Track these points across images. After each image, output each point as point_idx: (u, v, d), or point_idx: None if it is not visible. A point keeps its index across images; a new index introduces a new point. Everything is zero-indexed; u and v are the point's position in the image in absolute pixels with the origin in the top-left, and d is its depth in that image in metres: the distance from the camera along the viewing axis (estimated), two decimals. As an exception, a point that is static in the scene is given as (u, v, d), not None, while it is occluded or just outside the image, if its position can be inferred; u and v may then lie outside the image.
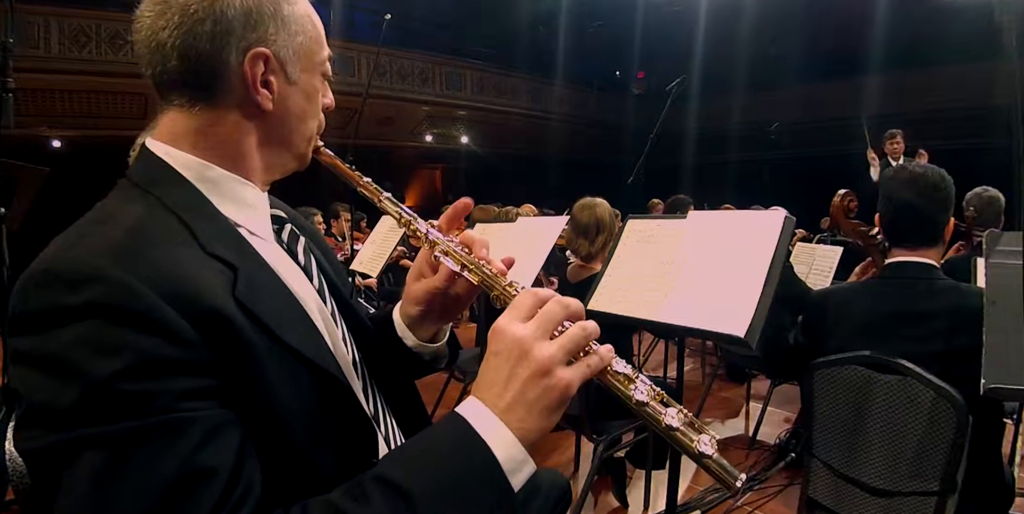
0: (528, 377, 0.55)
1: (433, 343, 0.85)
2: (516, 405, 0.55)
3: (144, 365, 0.51)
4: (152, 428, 0.50)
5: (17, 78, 2.10)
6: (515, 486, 0.54)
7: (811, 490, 1.56)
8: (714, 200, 5.28)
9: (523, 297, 0.59)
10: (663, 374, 3.12)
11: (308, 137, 0.75)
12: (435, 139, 12.65)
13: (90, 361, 0.50)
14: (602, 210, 2.51)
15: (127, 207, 0.62)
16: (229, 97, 0.66)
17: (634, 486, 2.51)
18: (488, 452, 0.53)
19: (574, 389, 0.56)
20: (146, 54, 0.65)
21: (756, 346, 1.22)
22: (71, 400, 0.49)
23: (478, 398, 0.57)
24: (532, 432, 0.55)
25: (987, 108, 8.37)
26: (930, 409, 1.31)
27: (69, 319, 0.51)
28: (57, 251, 0.57)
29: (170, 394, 0.51)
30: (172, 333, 0.52)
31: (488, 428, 0.54)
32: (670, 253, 1.49)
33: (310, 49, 0.71)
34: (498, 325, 0.57)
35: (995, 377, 1.05)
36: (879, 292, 1.53)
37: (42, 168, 2.22)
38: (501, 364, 0.56)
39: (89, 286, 0.51)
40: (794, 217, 1.35)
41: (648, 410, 0.58)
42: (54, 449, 0.50)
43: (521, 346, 0.55)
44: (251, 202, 0.71)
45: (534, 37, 13.53)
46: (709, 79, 11.05)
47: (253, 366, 0.58)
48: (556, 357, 0.55)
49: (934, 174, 1.48)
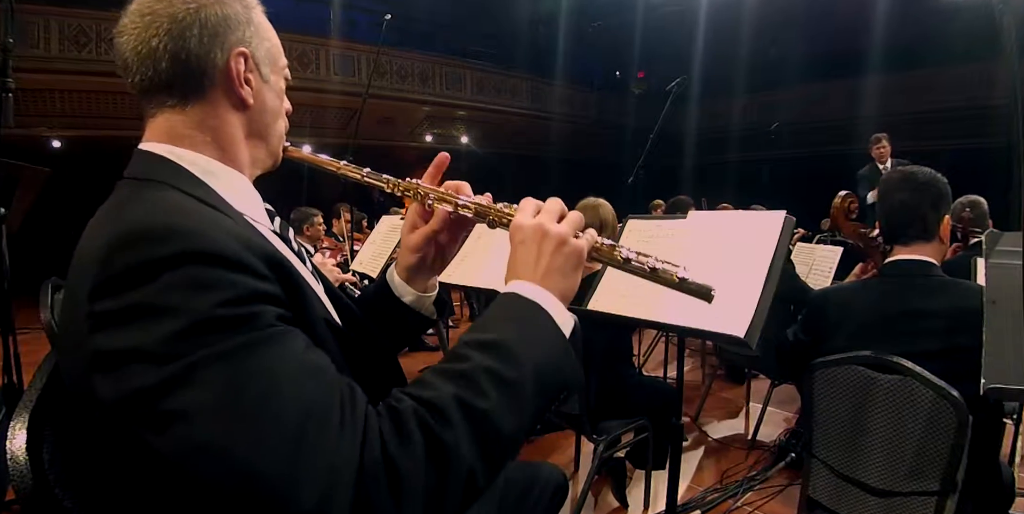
0: (553, 249, 0.69)
1: (428, 293, 0.95)
2: (550, 273, 0.69)
3: (242, 295, 0.55)
4: (265, 337, 0.55)
5: (17, 78, 2.10)
6: (566, 334, 0.67)
7: (811, 490, 1.56)
8: (714, 200, 5.27)
9: (525, 202, 0.75)
10: (663, 374, 3.12)
11: (279, 134, 0.82)
12: (435, 139, 12.63)
13: (196, 298, 0.53)
14: (605, 210, 2.56)
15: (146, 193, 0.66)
16: (216, 92, 0.73)
17: (634, 486, 2.50)
18: (544, 311, 0.66)
19: (585, 253, 0.72)
20: (134, 62, 0.70)
21: (756, 346, 1.22)
22: (187, 331, 0.52)
23: (517, 278, 0.69)
24: (567, 291, 0.70)
25: (987, 108, 8.38)
26: (930, 409, 1.31)
27: (164, 268, 0.54)
28: (122, 219, 0.59)
29: (269, 314, 0.57)
30: (256, 271, 0.58)
31: (537, 294, 0.67)
32: (670, 253, 1.49)
33: (276, 54, 0.80)
34: (516, 223, 0.72)
35: (995, 377, 1.04)
36: (879, 290, 1.55)
37: (42, 168, 2.22)
38: (529, 246, 0.70)
39: (175, 238, 0.55)
40: (794, 217, 1.35)
41: (633, 264, 0.74)
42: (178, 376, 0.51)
43: (541, 228, 0.70)
44: (249, 193, 0.78)
45: (534, 37, 13.51)
46: (709, 79, 11.04)
47: (305, 306, 0.66)
48: (567, 231, 0.71)
49: (924, 172, 1.54)
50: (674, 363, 2.41)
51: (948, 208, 1.54)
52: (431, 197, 0.85)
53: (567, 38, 12.92)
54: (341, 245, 5.06)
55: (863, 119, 9.70)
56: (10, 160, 2.09)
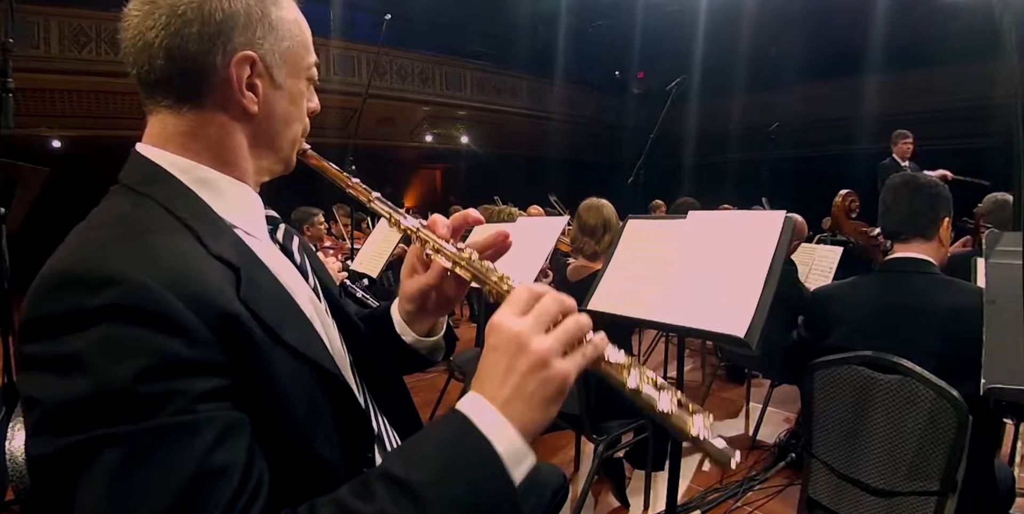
0: (527, 369, 0.55)
1: (430, 337, 0.86)
2: (516, 398, 0.55)
3: (163, 366, 0.51)
4: (171, 428, 0.50)
5: (17, 78, 2.10)
6: (516, 479, 0.55)
7: (811, 490, 1.56)
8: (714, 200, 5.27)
9: (519, 292, 0.60)
10: (663, 374, 3.12)
11: (292, 140, 0.75)
12: (435, 139, 12.64)
13: (111, 362, 0.50)
14: (608, 211, 2.61)
15: (128, 210, 0.63)
16: (215, 99, 0.67)
17: (634, 486, 2.50)
18: (489, 445, 0.54)
19: (571, 379, 0.56)
20: (132, 53, 0.65)
21: (756, 346, 1.22)
22: (91, 401, 0.49)
23: (478, 392, 0.57)
24: (532, 424, 0.55)
25: (987, 108, 8.37)
26: (930, 409, 1.31)
27: (89, 321, 0.51)
28: (69, 254, 0.57)
29: (188, 394, 0.52)
30: (189, 334, 0.53)
31: (488, 422, 0.55)
32: (670, 253, 1.49)
33: (297, 54, 0.72)
34: (494, 320, 0.58)
35: (995, 377, 1.04)
36: (877, 287, 1.57)
37: (42, 168, 2.22)
38: (499, 358, 0.56)
39: (108, 288, 0.51)
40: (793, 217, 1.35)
41: (643, 396, 0.58)
42: (72, 450, 0.49)
43: (518, 339, 0.56)
44: (246, 202, 0.72)
45: (534, 37, 13.50)
46: (709, 79, 11.03)
47: (261, 366, 0.59)
48: (553, 348, 0.56)
49: (924, 177, 1.62)
50: (674, 363, 2.41)
51: (947, 210, 1.57)
52: (429, 246, 0.74)
53: (567, 38, 12.92)
54: (343, 244, 5.06)
55: (863, 119, 9.71)
56: (10, 160, 2.09)
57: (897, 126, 5.64)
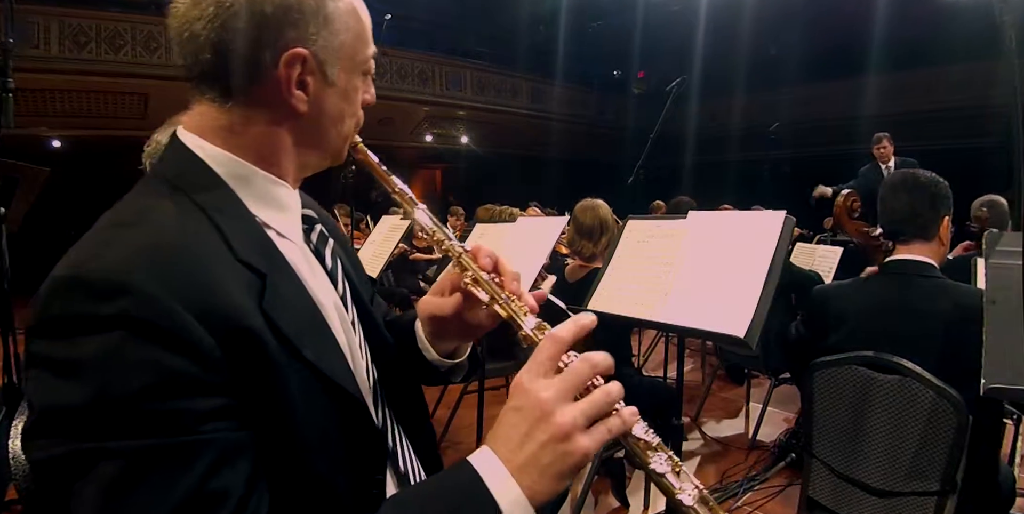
0: (546, 441, 0.53)
1: (452, 359, 0.83)
2: (529, 466, 0.53)
3: (168, 384, 0.50)
4: (171, 448, 0.49)
5: (17, 78, 2.10)
6: None
7: (811, 490, 1.56)
8: (714, 200, 5.27)
9: (548, 347, 0.56)
10: (663, 374, 3.12)
11: (345, 136, 0.72)
12: (435, 139, 12.64)
13: (115, 374, 0.49)
14: (604, 211, 2.59)
15: (157, 205, 0.60)
16: (262, 96, 0.63)
17: (634, 486, 2.50)
18: (496, 508, 0.52)
19: (591, 456, 0.54)
20: (179, 44, 0.62)
21: (756, 346, 1.22)
22: (92, 411, 0.48)
23: (492, 450, 0.55)
24: (541, 495, 0.53)
25: (987, 108, 8.37)
26: (930, 409, 1.31)
27: (96, 329, 0.50)
28: (86, 255, 0.55)
29: (191, 414, 0.50)
30: (198, 352, 0.51)
31: (498, 483, 0.53)
32: (670, 253, 1.49)
33: (353, 48, 0.67)
34: (521, 381, 0.55)
35: (995, 377, 1.04)
36: (878, 288, 1.56)
37: (42, 168, 2.22)
38: (520, 422, 0.54)
39: (119, 297, 0.50)
40: (794, 217, 1.35)
41: (664, 482, 0.56)
42: (69, 458, 0.49)
43: (542, 408, 0.53)
44: (283, 202, 0.69)
45: (534, 37, 13.51)
46: (709, 79, 11.02)
47: (274, 384, 0.57)
48: (577, 423, 0.53)
49: (923, 174, 1.58)
50: (674, 363, 2.41)
51: (948, 209, 1.55)
52: (468, 275, 0.70)
53: (567, 38, 12.92)
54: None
55: (863, 119, 9.68)
56: (10, 160, 2.09)
57: (897, 126, 5.63)
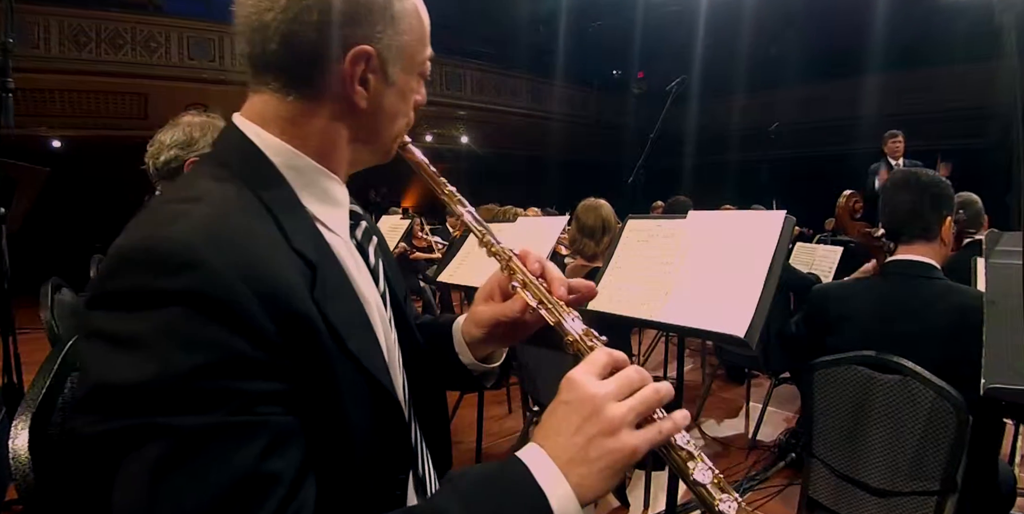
0: (595, 434, 0.53)
1: (488, 363, 0.84)
2: (578, 460, 0.53)
3: (227, 363, 0.50)
4: (225, 427, 0.49)
5: (17, 78, 2.10)
6: None
7: (811, 490, 1.56)
8: (714, 200, 5.27)
9: (600, 356, 0.58)
10: (663, 374, 3.12)
11: (396, 135, 0.73)
12: (435, 139, 12.64)
13: (175, 350, 0.48)
14: (606, 211, 2.60)
15: (219, 187, 0.61)
16: (324, 90, 0.64)
17: (634, 486, 2.51)
18: (545, 502, 0.51)
19: (639, 455, 0.54)
20: (246, 32, 0.63)
21: (756, 346, 1.22)
22: (148, 386, 0.48)
23: (540, 445, 0.55)
24: (589, 491, 0.53)
25: (987, 108, 8.37)
26: (930, 409, 1.31)
27: (161, 302, 0.49)
28: (153, 227, 0.54)
29: (247, 395, 0.50)
30: (258, 333, 0.51)
31: (547, 477, 0.52)
32: (670, 253, 1.49)
33: (413, 48, 0.68)
34: (574, 376, 0.56)
35: (995, 377, 1.04)
36: (879, 290, 1.56)
37: (42, 168, 2.22)
38: (571, 415, 0.54)
39: (187, 272, 0.50)
40: (794, 217, 1.35)
41: (703, 492, 0.55)
42: (119, 434, 0.48)
43: (594, 402, 0.53)
44: (334, 197, 0.69)
45: (534, 37, 13.51)
46: (709, 79, 11.02)
47: (324, 372, 0.57)
48: (627, 419, 0.53)
49: (925, 174, 1.57)
50: (674, 363, 2.41)
51: (950, 209, 1.55)
52: (517, 279, 0.71)
53: (567, 38, 12.93)
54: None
55: (863, 119, 9.70)
56: (10, 160, 2.09)
57: (897, 126, 5.64)
